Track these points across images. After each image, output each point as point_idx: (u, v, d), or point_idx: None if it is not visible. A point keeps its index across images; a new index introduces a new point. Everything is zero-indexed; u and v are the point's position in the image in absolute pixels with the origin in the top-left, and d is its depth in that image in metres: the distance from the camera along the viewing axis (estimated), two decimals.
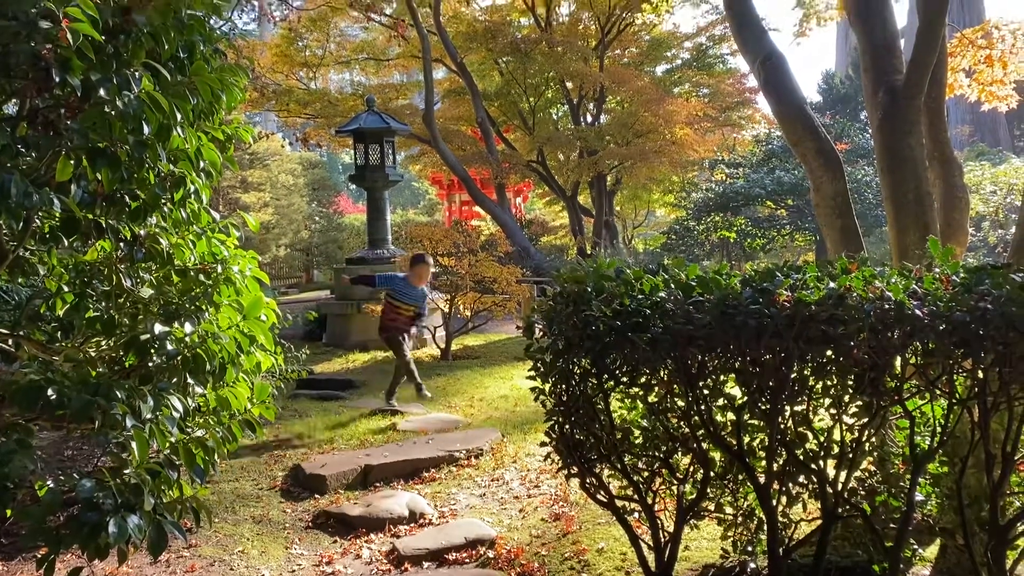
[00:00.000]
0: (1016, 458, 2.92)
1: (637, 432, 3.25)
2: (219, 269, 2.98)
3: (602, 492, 3.21)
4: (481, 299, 10.73)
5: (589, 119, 20.24)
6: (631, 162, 17.96)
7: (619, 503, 3.23)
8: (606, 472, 3.23)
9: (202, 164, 2.86)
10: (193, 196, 2.91)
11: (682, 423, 3.07)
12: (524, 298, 11.14)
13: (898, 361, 2.82)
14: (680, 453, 3.17)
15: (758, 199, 19.54)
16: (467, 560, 4.19)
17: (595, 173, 18.79)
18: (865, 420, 2.92)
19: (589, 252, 18.12)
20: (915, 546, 3.39)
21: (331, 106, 18.23)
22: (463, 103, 19.79)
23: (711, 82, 20.79)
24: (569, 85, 19.12)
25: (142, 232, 2.73)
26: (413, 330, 8.10)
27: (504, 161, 18.07)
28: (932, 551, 3.48)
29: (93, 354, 2.86)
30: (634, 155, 17.47)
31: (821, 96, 30.96)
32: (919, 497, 3.20)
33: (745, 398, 2.95)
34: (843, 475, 3.00)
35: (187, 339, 2.75)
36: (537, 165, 19.40)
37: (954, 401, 2.87)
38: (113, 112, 2.20)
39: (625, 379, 3.02)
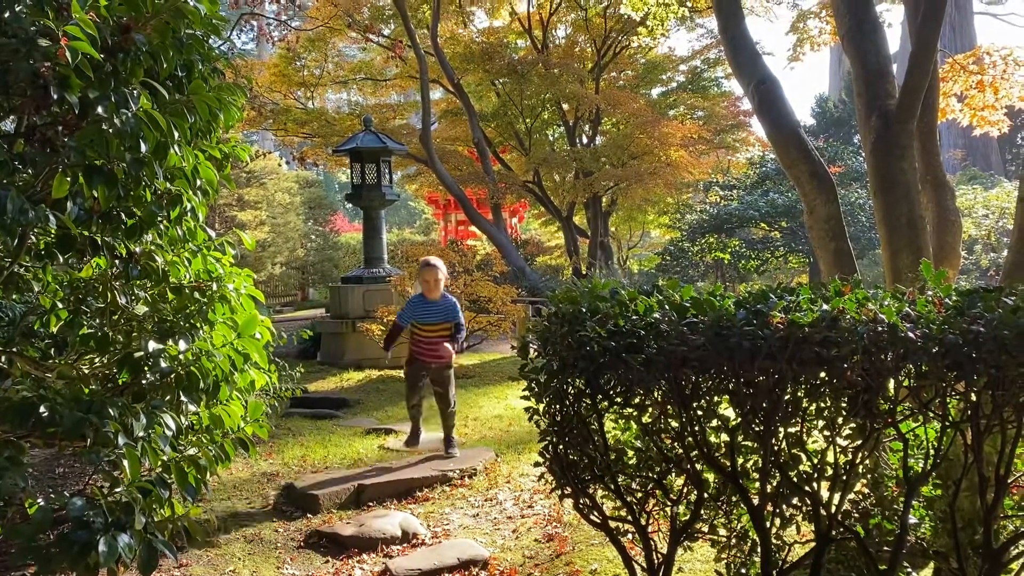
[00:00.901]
0: (1009, 481, 2.92)
1: (631, 453, 3.24)
2: (214, 287, 2.98)
3: (595, 513, 3.20)
4: (476, 318, 10.74)
5: (585, 140, 20.36)
6: (626, 183, 18.04)
7: (613, 524, 3.22)
8: (600, 493, 3.22)
9: (199, 182, 2.87)
10: (189, 214, 2.92)
11: (676, 444, 3.06)
12: (519, 318, 11.16)
13: (891, 383, 2.83)
14: (674, 474, 3.16)
15: (752, 221, 19.62)
16: None
17: (590, 194, 18.86)
18: (859, 442, 2.92)
19: (584, 272, 18.17)
20: (909, 569, 3.38)
21: (328, 125, 18.31)
22: (460, 123, 19.89)
23: (706, 105, 20.95)
24: (565, 107, 19.25)
25: (137, 249, 2.73)
26: (454, 346, 6.43)
27: (500, 181, 18.13)
28: (926, 574, 3.47)
29: (86, 371, 2.85)
30: (629, 176, 17.55)
31: (815, 119, 31.18)
32: (913, 520, 3.20)
33: (739, 419, 2.95)
34: (837, 497, 3.00)
35: (181, 357, 2.75)
36: (533, 186, 19.47)
37: (947, 424, 2.88)
38: (111, 130, 2.21)
39: (619, 399, 3.02)
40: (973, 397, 2.79)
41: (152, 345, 2.67)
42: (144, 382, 2.71)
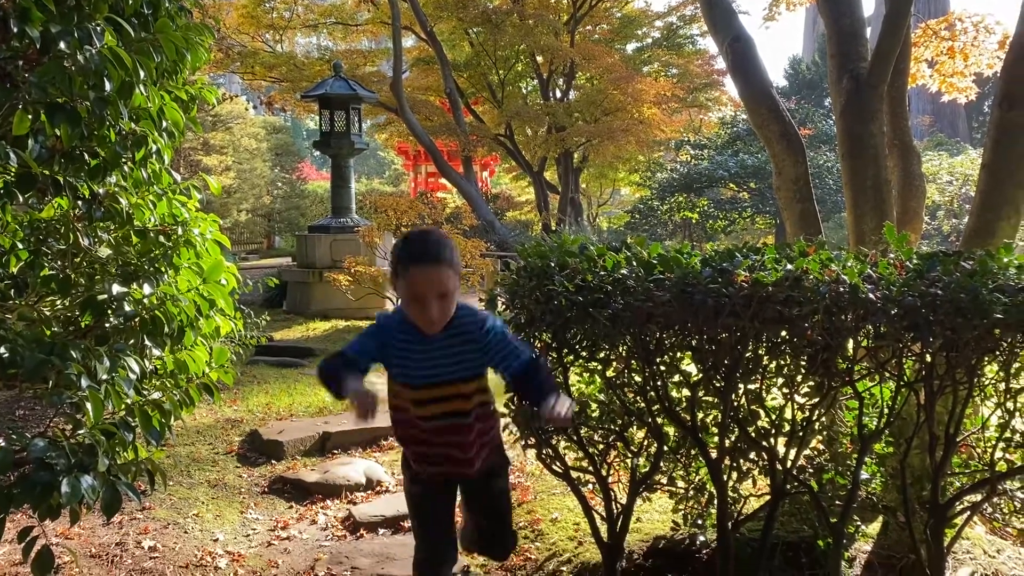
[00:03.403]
0: (958, 440, 3.01)
1: (594, 406, 3.29)
2: (179, 231, 2.94)
3: (558, 463, 3.25)
4: None
5: (558, 95, 20.19)
6: (598, 140, 17.97)
7: (574, 474, 3.28)
8: (562, 444, 3.27)
9: (164, 124, 2.82)
10: (154, 156, 2.87)
11: (638, 398, 3.11)
12: (487, 272, 11.14)
13: (850, 343, 2.89)
14: (635, 427, 3.22)
15: (721, 181, 19.72)
16: None
17: (562, 149, 18.78)
18: (816, 400, 2.99)
19: (554, 228, 18.17)
20: (859, 523, 3.49)
21: (297, 70, 17.96)
22: (432, 73, 19.60)
23: (680, 62, 20.84)
24: (539, 59, 19.04)
25: (101, 191, 2.68)
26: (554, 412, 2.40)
27: (472, 134, 17.97)
28: (874, 528, 3.59)
29: (48, 313, 2.82)
30: (602, 133, 17.48)
31: (788, 81, 31.23)
32: (864, 476, 3.29)
33: (700, 375, 3.00)
34: (793, 453, 3.07)
35: (145, 300, 2.72)
36: (505, 139, 19.33)
37: (902, 384, 2.95)
38: (73, 66, 2.16)
39: (585, 354, 3.05)
40: (928, 358, 2.86)
41: (116, 288, 2.64)
42: (107, 325, 2.69)
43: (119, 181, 2.78)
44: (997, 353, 2.83)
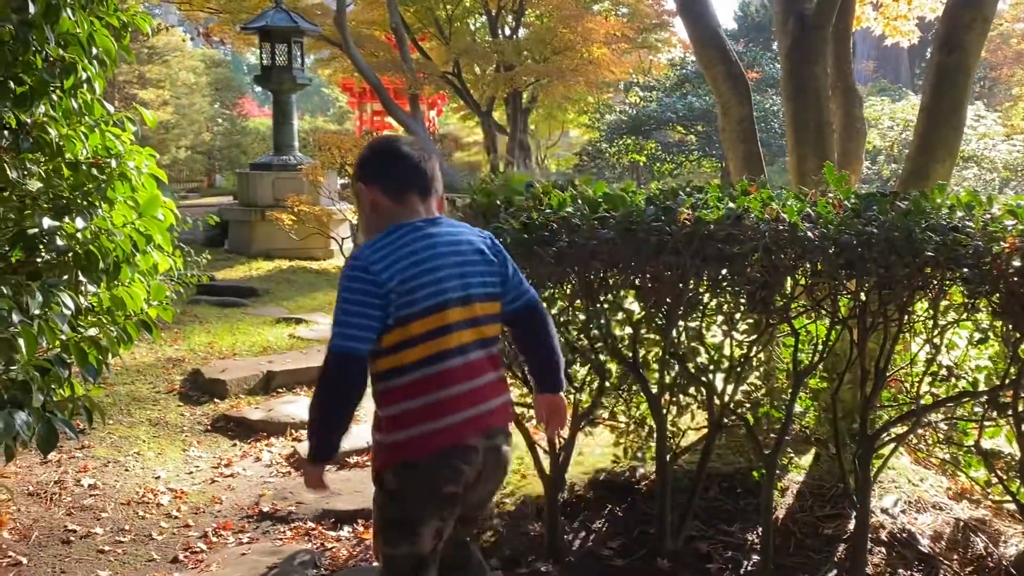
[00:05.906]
0: (888, 375, 3.12)
1: None
2: (113, 164, 2.86)
3: None
4: None
5: (507, 32, 19.85)
6: (548, 80, 17.77)
7: (518, 410, 3.32)
8: (508, 380, 3.30)
9: (95, 51, 2.71)
10: (85, 85, 2.78)
11: (582, 336, 3.16)
12: None
13: (788, 281, 2.96)
14: (578, 364, 3.27)
15: (669, 123, 19.75)
16: (368, 463, 4.26)
17: (511, 89, 18.53)
18: (754, 337, 3.06)
19: (502, 170, 18.06)
20: (792, 454, 3.62)
21: (237, 1, 17.29)
22: (377, 6, 19.03)
23: (630, 1, 20.60)
24: None
25: (28, 120, 2.58)
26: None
27: (418, 71, 17.59)
28: (807, 459, 3.73)
29: None
30: (551, 72, 17.28)
31: (737, 23, 31.22)
32: (798, 409, 3.41)
33: (643, 313, 3.05)
34: (730, 388, 3.16)
35: (79, 235, 2.65)
36: (452, 77, 18.98)
37: (836, 321, 3.04)
38: None
39: None
40: (862, 296, 2.94)
41: (47, 222, 2.56)
42: (39, 260, 2.62)
43: (48, 111, 2.67)
44: (927, 291, 2.92)
